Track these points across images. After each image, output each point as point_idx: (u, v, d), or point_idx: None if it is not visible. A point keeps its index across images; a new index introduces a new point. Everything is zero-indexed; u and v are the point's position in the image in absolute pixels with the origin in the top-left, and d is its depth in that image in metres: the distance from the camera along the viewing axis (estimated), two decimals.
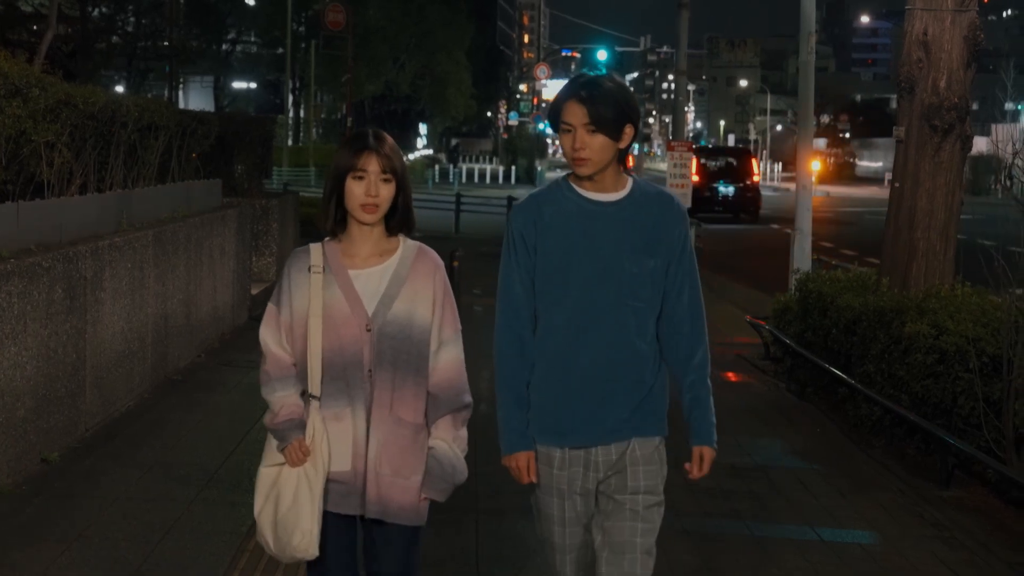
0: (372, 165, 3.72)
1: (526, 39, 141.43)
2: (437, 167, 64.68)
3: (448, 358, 3.86)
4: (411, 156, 65.48)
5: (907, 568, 6.31)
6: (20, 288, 6.77)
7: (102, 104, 8.98)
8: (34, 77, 7.78)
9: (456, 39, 62.42)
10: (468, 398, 3.94)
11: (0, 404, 6.56)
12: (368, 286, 3.78)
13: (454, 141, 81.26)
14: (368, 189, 3.71)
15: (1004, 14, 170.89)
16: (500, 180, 61.41)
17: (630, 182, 3.96)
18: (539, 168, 62.38)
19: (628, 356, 3.89)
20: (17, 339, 6.74)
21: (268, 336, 3.83)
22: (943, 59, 9.61)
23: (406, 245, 3.89)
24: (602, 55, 51.81)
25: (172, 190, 11.35)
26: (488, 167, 65.70)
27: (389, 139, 3.82)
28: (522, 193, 37.27)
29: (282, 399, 3.80)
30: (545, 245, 3.89)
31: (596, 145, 3.83)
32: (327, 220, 3.80)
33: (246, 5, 54.97)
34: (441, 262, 3.91)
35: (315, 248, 3.84)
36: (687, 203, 20.06)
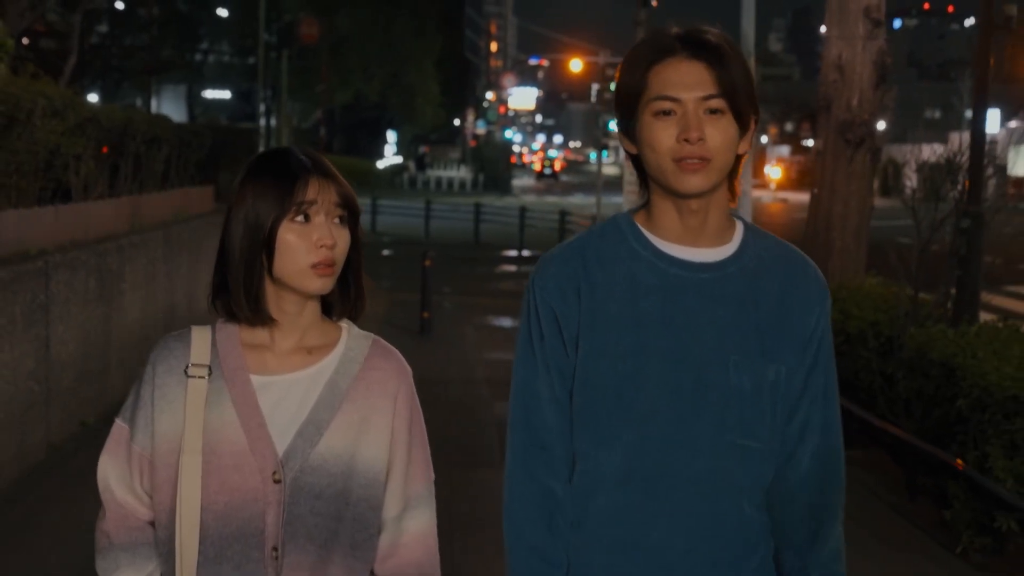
0: (324, 195, 2.23)
1: (493, 48, 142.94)
2: (406, 175, 66.00)
3: (416, 530, 2.37)
4: (380, 164, 66.70)
5: None
6: (66, 278, 8.07)
7: (120, 121, 10.28)
8: (68, 99, 9.06)
9: (424, 49, 63.61)
10: None
11: (52, 375, 7.86)
12: (283, 405, 2.26)
13: (421, 149, 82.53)
14: (321, 235, 2.22)
15: (965, 23, 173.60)
16: (468, 188, 62.83)
17: (740, 230, 2.38)
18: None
19: (730, 532, 2.33)
20: (63, 321, 8.03)
21: (112, 473, 2.32)
22: (855, 80, 11.00)
23: (352, 337, 2.36)
24: (574, 64, 52.70)
25: (172, 195, 12.65)
26: (456, 175, 67.09)
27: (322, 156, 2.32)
28: (490, 201, 38.43)
29: None
30: (594, 336, 2.31)
31: (720, 137, 2.24)
32: (247, 305, 2.26)
33: (219, 16, 56.06)
34: (409, 369, 2.40)
35: (199, 335, 2.31)
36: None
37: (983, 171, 9.47)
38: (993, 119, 76.59)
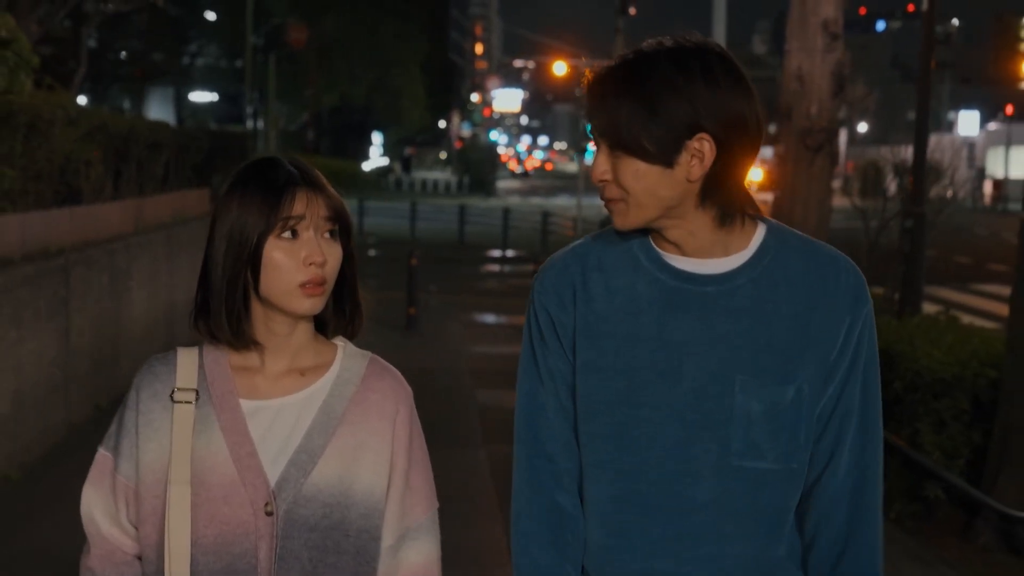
0: (313, 208, 2.09)
1: (479, 50, 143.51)
2: (392, 176, 66.69)
3: (415, 561, 2.24)
4: (366, 166, 67.33)
5: None
6: (83, 274, 8.80)
7: (125, 127, 11.02)
8: (80, 108, 9.78)
9: (410, 52, 64.20)
10: None
11: (71, 362, 8.60)
12: (274, 432, 2.13)
13: (407, 151, 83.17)
14: (310, 252, 2.07)
15: (952, 23, 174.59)
16: (453, 189, 63.59)
17: (759, 234, 2.15)
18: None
19: (746, 563, 2.13)
20: (81, 313, 8.77)
21: (96, 505, 2.19)
22: (814, 90, 11.74)
23: (348, 357, 2.22)
24: (558, 67, 53.24)
25: (171, 197, 13.36)
26: (441, 176, 67.82)
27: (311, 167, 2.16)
28: (475, 203, 39.30)
29: None
30: (588, 349, 2.17)
31: (626, 173, 2.08)
32: (228, 326, 2.10)
33: (207, 20, 56.68)
34: (409, 390, 2.26)
35: (185, 357, 2.17)
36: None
37: (926, 174, 10.22)
38: (973, 121, 77.75)
